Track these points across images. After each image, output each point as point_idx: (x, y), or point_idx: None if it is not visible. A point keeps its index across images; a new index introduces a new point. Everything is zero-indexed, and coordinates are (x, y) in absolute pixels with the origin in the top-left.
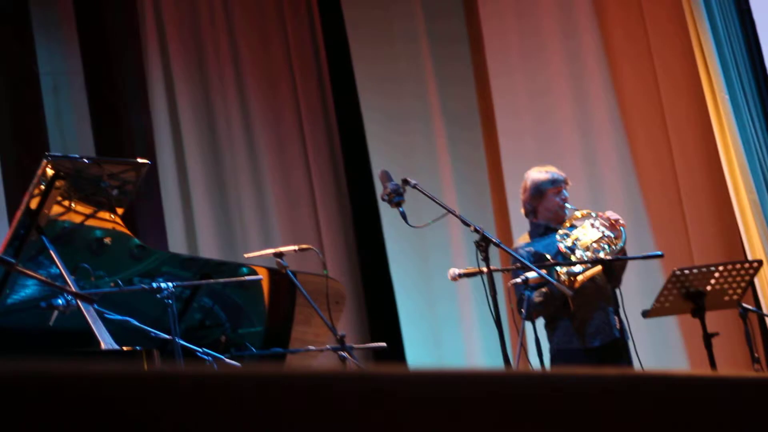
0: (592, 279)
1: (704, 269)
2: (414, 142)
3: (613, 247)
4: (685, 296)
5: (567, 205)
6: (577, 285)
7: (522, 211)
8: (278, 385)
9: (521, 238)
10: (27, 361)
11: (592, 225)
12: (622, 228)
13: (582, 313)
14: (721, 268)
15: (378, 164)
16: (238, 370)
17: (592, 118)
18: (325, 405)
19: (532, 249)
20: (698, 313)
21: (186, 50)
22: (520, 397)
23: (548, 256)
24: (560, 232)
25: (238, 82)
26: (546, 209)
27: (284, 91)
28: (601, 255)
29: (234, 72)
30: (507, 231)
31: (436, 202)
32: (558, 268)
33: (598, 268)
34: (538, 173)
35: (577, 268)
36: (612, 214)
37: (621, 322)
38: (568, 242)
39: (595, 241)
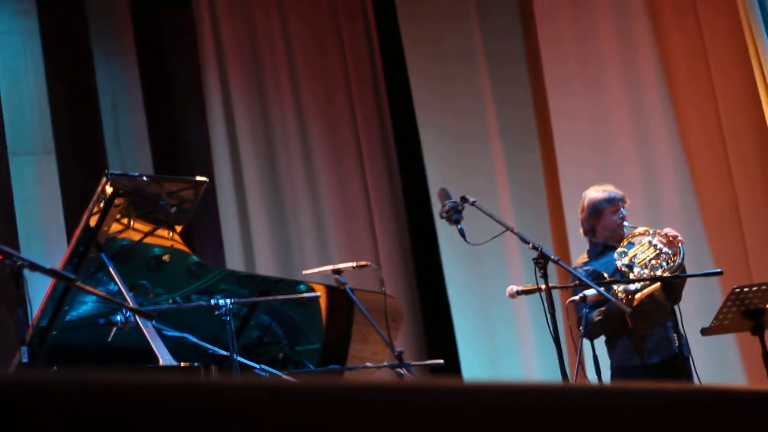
0: (650, 296)
1: (764, 287)
2: (471, 162)
3: (672, 264)
4: (745, 314)
5: (625, 223)
6: (635, 302)
7: (581, 230)
8: (335, 397)
9: (580, 258)
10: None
11: (650, 242)
12: (680, 245)
13: (641, 330)
14: None
15: (434, 181)
16: (294, 383)
17: (650, 138)
18: (384, 416)
19: (590, 268)
20: (758, 330)
21: (243, 65)
22: (578, 409)
23: (606, 275)
24: (618, 250)
25: (295, 97)
26: (604, 228)
27: (341, 106)
28: (659, 272)
29: (291, 87)
30: (565, 251)
31: (495, 220)
32: (615, 286)
33: (656, 285)
34: (595, 192)
35: (635, 286)
36: (670, 231)
37: (681, 338)
38: (626, 260)
39: (653, 258)
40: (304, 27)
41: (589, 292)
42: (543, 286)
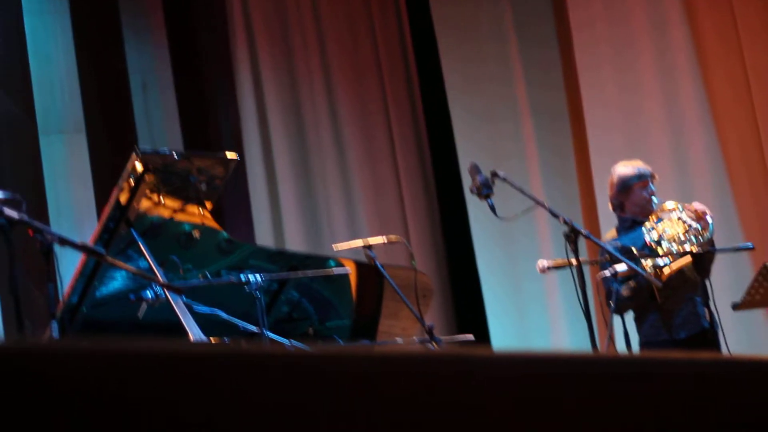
0: (679, 271)
1: None
2: (502, 143)
3: (700, 238)
4: None
5: (654, 199)
6: (664, 278)
7: (609, 206)
8: (368, 365)
9: (609, 234)
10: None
11: (679, 217)
12: (709, 219)
13: (669, 305)
14: None
15: (465, 159)
16: (327, 350)
17: (682, 115)
18: (415, 384)
19: (618, 243)
20: None
21: (274, 45)
22: (608, 378)
23: (634, 249)
24: (647, 225)
25: (325, 77)
26: (633, 204)
27: (372, 86)
28: (688, 247)
29: (321, 66)
30: (595, 228)
31: (525, 194)
32: (644, 261)
33: (685, 259)
34: (624, 168)
35: (664, 261)
36: (699, 206)
37: (711, 313)
38: (655, 235)
39: (681, 233)
40: (335, 6)
41: (620, 267)
42: (574, 261)
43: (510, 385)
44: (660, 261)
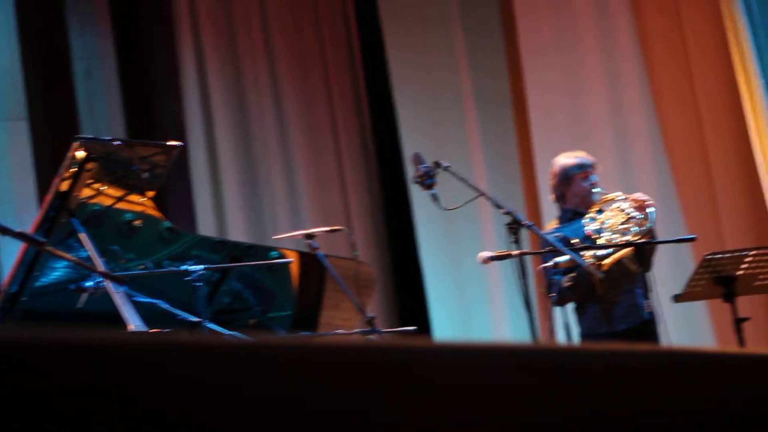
0: (619, 262)
1: (736, 254)
2: (446, 130)
3: (641, 228)
4: (716, 281)
5: (595, 190)
6: (604, 268)
7: (551, 197)
8: (307, 356)
9: (550, 224)
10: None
11: (620, 207)
12: (650, 209)
13: (609, 297)
14: (753, 253)
15: (409, 149)
16: (267, 340)
17: (624, 106)
18: (350, 376)
19: (560, 234)
20: (729, 298)
21: (218, 34)
22: (545, 370)
23: (575, 240)
24: (588, 215)
25: (270, 66)
26: (574, 194)
27: (316, 75)
28: (629, 237)
29: (266, 56)
30: (538, 217)
31: (468, 185)
32: (585, 252)
33: (626, 250)
34: (566, 158)
35: (604, 251)
36: (640, 195)
37: (652, 305)
38: (596, 225)
39: (622, 223)
40: None
41: (561, 258)
42: (515, 252)
43: (451, 375)
44: (600, 252)
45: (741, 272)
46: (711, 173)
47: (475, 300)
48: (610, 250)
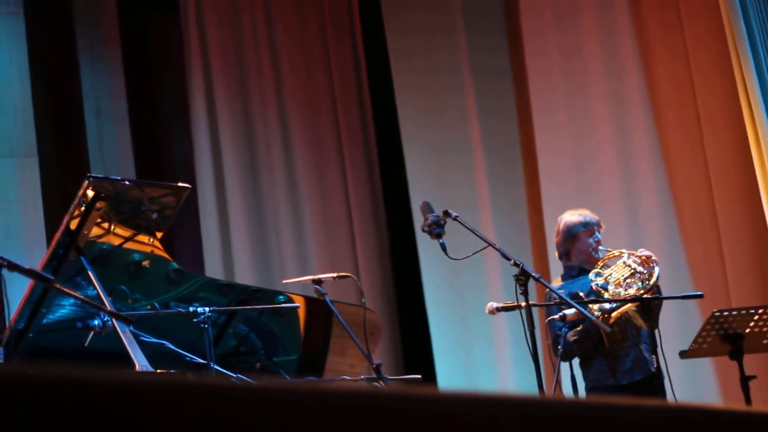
0: (626, 316)
1: (743, 311)
2: (454, 176)
3: (646, 283)
4: (724, 338)
5: (600, 247)
6: (610, 321)
7: (556, 254)
8: (312, 401)
9: (554, 282)
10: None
11: (625, 263)
12: (655, 265)
13: (616, 350)
14: (760, 311)
15: (417, 195)
16: (272, 384)
17: (634, 157)
18: (356, 422)
19: (565, 291)
20: (736, 355)
21: (228, 76)
22: (554, 422)
23: (582, 294)
24: (594, 270)
25: (279, 109)
26: (579, 251)
27: (325, 118)
28: (633, 291)
29: (276, 99)
30: (545, 266)
31: (477, 235)
32: (591, 305)
33: (630, 304)
34: (570, 216)
35: (610, 305)
36: (644, 252)
37: (658, 361)
38: (601, 280)
39: (627, 278)
40: (291, 40)
41: (568, 311)
42: (523, 304)
43: (455, 425)
44: (607, 305)
45: (749, 330)
46: (718, 228)
47: (480, 350)
48: (617, 303)
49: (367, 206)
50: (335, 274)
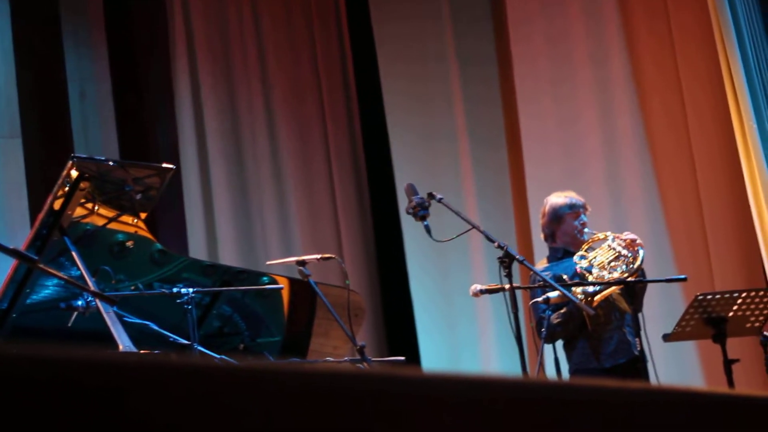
0: (608, 299)
1: (727, 295)
2: (439, 162)
3: (630, 266)
4: (707, 321)
5: (585, 230)
6: (594, 304)
7: (541, 235)
8: (295, 382)
9: (539, 263)
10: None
11: (609, 246)
12: (639, 248)
13: (599, 333)
14: (744, 294)
15: (402, 180)
16: (256, 365)
17: (619, 142)
18: (339, 404)
19: (550, 273)
20: (719, 338)
21: (213, 59)
22: (537, 404)
23: (565, 277)
24: (578, 253)
25: (264, 94)
26: (564, 233)
27: (311, 103)
28: (617, 274)
29: (261, 83)
30: (529, 251)
31: (461, 217)
32: (575, 288)
33: (614, 287)
34: (556, 198)
35: (593, 288)
36: (629, 235)
37: (642, 344)
38: (585, 263)
39: (611, 261)
40: (277, 26)
41: (552, 294)
42: (507, 286)
43: (439, 407)
44: (590, 288)
45: (732, 313)
46: (702, 212)
47: (464, 332)
48: (600, 286)
49: (351, 190)
50: (319, 256)
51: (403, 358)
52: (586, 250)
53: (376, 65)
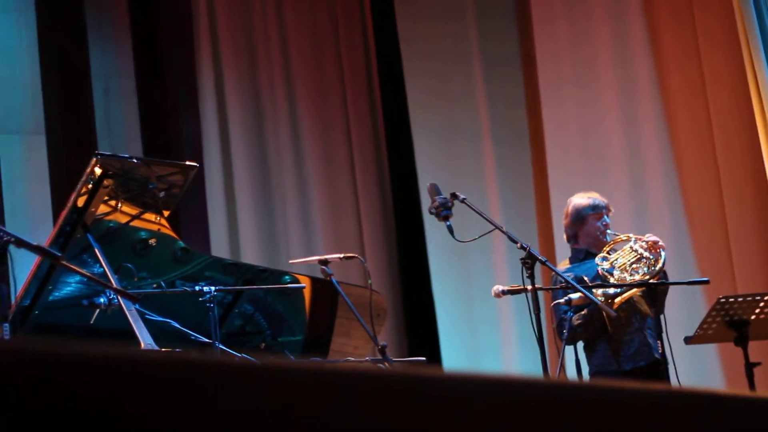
0: (630, 301)
1: (749, 298)
2: (462, 162)
3: (652, 269)
4: (729, 324)
5: (608, 231)
6: (614, 306)
7: (564, 236)
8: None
9: (561, 264)
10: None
11: (631, 248)
12: (661, 250)
13: (620, 335)
14: (766, 298)
15: (425, 180)
16: (278, 363)
17: (642, 146)
18: (364, 402)
19: (571, 274)
20: (741, 342)
21: (238, 56)
22: (555, 404)
23: (586, 279)
24: (600, 255)
25: (288, 91)
26: (586, 234)
27: (334, 101)
28: (638, 276)
29: (285, 80)
30: (552, 255)
31: (484, 218)
32: (597, 291)
33: (635, 290)
34: (580, 199)
35: (614, 290)
36: (651, 237)
37: (663, 347)
38: (607, 264)
39: (633, 263)
40: (301, 20)
41: (574, 295)
42: (529, 287)
43: (459, 407)
44: (611, 290)
45: (754, 316)
46: (725, 216)
47: (486, 333)
48: (622, 288)
49: (374, 189)
50: (342, 255)
51: (424, 358)
52: (608, 252)
53: (400, 63)
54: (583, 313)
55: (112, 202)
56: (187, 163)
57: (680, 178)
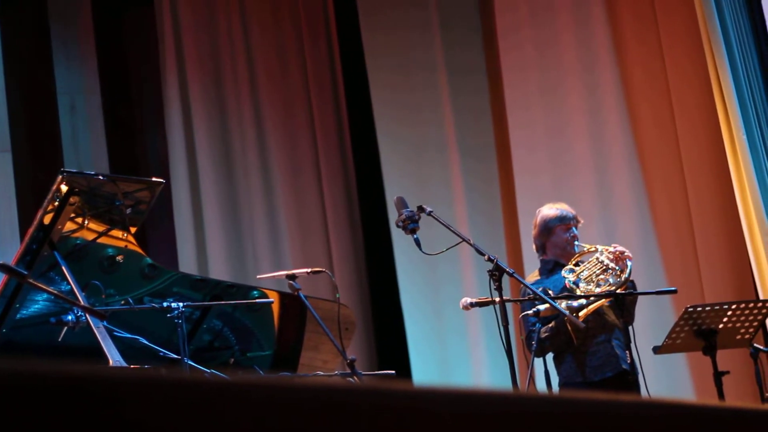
0: (597, 312)
1: (717, 307)
2: (429, 172)
3: (618, 279)
4: (697, 333)
5: (576, 242)
6: (581, 318)
7: (533, 247)
8: (286, 396)
9: (531, 276)
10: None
11: (597, 259)
12: (627, 260)
13: (586, 347)
14: (734, 306)
15: (392, 192)
16: (246, 379)
17: (608, 155)
18: (334, 416)
19: (540, 287)
20: (709, 351)
21: (203, 73)
22: (526, 417)
23: (551, 292)
24: (567, 267)
25: (254, 106)
26: (554, 245)
27: (300, 116)
28: (605, 287)
29: (251, 96)
30: (519, 266)
31: (451, 230)
32: (562, 302)
33: (602, 301)
34: (548, 210)
35: (579, 302)
36: (618, 247)
37: (632, 357)
38: (573, 276)
39: (599, 274)
40: (266, 35)
41: (542, 306)
42: (497, 299)
43: (430, 420)
44: (575, 303)
45: (722, 325)
46: (692, 223)
47: (455, 345)
48: (589, 300)
49: (341, 202)
50: (309, 270)
51: (393, 371)
52: (575, 264)
53: (365, 75)
54: (550, 325)
55: (79, 219)
56: (154, 179)
57: (646, 184)
